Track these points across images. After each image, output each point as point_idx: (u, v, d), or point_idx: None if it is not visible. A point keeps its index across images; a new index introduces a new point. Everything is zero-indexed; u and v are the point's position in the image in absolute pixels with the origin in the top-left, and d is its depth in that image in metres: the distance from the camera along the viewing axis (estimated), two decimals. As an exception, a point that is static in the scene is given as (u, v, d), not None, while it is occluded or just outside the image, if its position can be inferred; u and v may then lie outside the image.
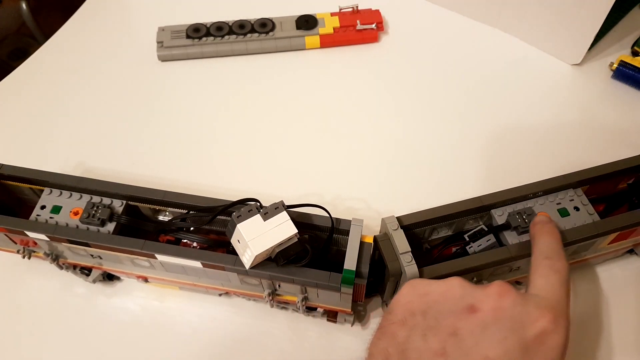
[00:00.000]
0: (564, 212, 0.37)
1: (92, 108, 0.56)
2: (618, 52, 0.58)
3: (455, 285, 0.29)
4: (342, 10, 0.61)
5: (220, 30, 0.59)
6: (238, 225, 0.33)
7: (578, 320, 0.41)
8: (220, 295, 0.42)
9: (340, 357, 0.41)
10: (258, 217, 0.33)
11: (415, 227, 0.37)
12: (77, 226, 0.37)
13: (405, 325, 0.29)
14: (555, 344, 0.27)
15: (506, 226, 0.37)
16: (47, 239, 0.37)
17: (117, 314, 0.43)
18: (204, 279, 0.39)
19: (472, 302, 0.28)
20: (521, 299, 0.28)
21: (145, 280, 0.42)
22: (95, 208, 0.37)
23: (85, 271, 0.42)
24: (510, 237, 0.36)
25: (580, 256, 0.40)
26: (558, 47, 0.57)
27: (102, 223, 0.37)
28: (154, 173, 0.50)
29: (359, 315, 0.42)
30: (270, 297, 0.38)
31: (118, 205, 0.38)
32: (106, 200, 0.38)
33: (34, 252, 0.41)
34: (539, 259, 0.31)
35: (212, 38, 0.58)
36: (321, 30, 0.59)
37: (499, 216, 0.37)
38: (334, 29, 0.60)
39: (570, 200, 0.38)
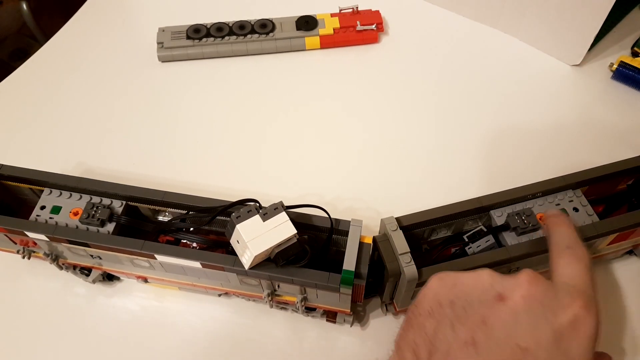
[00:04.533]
0: (563, 213, 0.37)
1: (92, 108, 0.56)
2: (618, 52, 0.58)
3: (484, 275, 0.29)
4: (342, 11, 0.61)
5: (220, 31, 0.59)
6: (237, 226, 0.33)
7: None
8: (219, 295, 0.42)
9: (340, 357, 0.41)
10: (257, 217, 0.34)
11: (415, 228, 0.37)
12: (77, 226, 0.37)
13: (432, 316, 0.28)
14: (588, 330, 0.26)
15: (505, 227, 0.37)
16: (47, 239, 0.37)
17: (116, 314, 0.43)
18: (204, 280, 0.39)
19: (501, 291, 0.28)
20: (551, 286, 0.28)
21: (145, 280, 0.42)
22: (94, 208, 0.37)
23: (85, 271, 0.42)
24: (509, 238, 0.36)
25: (579, 257, 0.40)
26: (558, 47, 0.57)
27: (102, 223, 0.37)
28: (154, 173, 0.50)
29: (358, 315, 0.42)
30: (270, 298, 0.38)
31: (118, 205, 0.38)
32: (106, 201, 0.38)
33: (34, 252, 0.41)
34: (560, 249, 0.31)
35: (212, 39, 0.59)
36: (321, 31, 0.59)
37: (498, 217, 0.37)
38: (334, 29, 0.60)
39: (570, 201, 0.38)
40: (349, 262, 0.34)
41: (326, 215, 0.37)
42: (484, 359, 0.26)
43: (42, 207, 0.38)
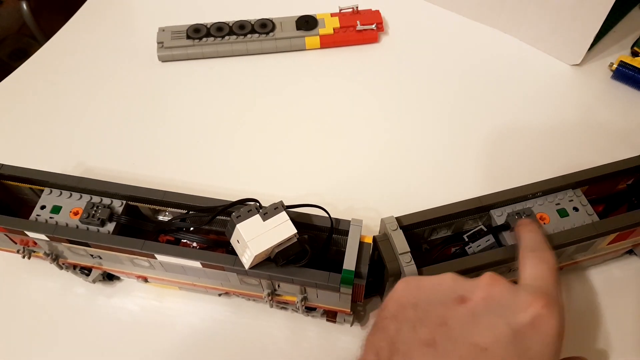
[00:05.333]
0: (563, 213, 0.37)
1: (92, 108, 0.56)
2: (618, 52, 0.58)
3: (446, 279, 0.29)
4: (342, 11, 0.61)
5: (220, 30, 0.59)
6: (237, 226, 0.33)
7: (576, 320, 0.41)
8: (219, 295, 0.42)
9: (340, 357, 0.41)
10: (257, 217, 0.34)
11: (415, 228, 0.37)
12: (77, 226, 0.37)
13: (396, 318, 0.29)
14: (550, 328, 0.27)
15: (505, 227, 0.37)
16: (47, 239, 0.37)
17: (116, 313, 0.43)
18: (204, 279, 0.39)
19: (462, 293, 0.28)
20: (512, 287, 0.28)
21: (145, 280, 0.42)
22: (95, 208, 0.37)
23: (85, 271, 0.42)
24: (509, 238, 0.36)
25: (579, 257, 0.40)
26: (558, 47, 0.57)
27: (102, 223, 0.37)
28: (154, 173, 0.50)
29: (358, 315, 0.42)
30: (270, 297, 0.38)
31: (118, 205, 0.38)
32: (106, 200, 0.38)
33: (34, 252, 0.41)
34: (526, 252, 0.32)
35: (212, 38, 0.59)
36: (321, 30, 0.60)
37: (498, 216, 0.37)
38: (334, 29, 0.60)
39: (570, 201, 0.38)
40: (349, 262, 0.34)
41: (326, 215, 0.37)
42: (443, 359, 0.26)
43: (42, 207, 0.38)
